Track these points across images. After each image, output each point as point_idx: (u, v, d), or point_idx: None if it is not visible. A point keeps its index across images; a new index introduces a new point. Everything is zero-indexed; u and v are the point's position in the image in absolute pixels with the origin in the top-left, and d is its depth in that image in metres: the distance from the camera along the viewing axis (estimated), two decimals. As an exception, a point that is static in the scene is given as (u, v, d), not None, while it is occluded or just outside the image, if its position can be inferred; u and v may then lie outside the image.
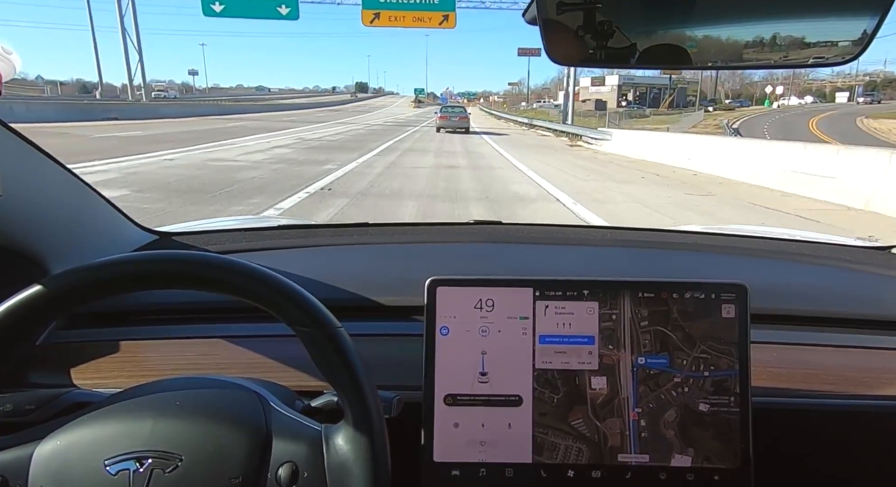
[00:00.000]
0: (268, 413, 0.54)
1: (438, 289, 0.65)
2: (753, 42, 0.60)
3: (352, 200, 7.20)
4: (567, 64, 0.64)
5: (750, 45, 0.60)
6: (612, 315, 0.64)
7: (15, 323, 0.49)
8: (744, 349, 0.63)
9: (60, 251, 0.84)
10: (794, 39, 0.59)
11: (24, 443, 0.51)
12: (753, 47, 0.60)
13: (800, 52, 0.59)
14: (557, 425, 0.63)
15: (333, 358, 0.51)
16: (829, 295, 0.97)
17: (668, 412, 0.63)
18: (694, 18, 0.61)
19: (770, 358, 0.78)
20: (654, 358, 0.63)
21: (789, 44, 0.59)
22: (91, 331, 0.85)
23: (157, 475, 0.48)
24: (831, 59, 0.60)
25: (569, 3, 0.58)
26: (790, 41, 0.59)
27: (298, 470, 0.50)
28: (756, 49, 0.60)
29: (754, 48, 0.60)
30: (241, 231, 1.19)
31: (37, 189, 0.82)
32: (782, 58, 0.60)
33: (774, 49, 0.60)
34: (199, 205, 6.50)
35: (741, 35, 0.61)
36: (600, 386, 0.63)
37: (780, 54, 0.60)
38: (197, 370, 0.75)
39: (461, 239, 1.23)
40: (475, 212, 6.54)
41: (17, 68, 0.63)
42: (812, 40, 0.59)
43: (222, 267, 0.52)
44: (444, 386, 0.64)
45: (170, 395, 0.54)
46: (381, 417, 0.52)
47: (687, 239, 1.24)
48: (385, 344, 0.83)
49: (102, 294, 0.52)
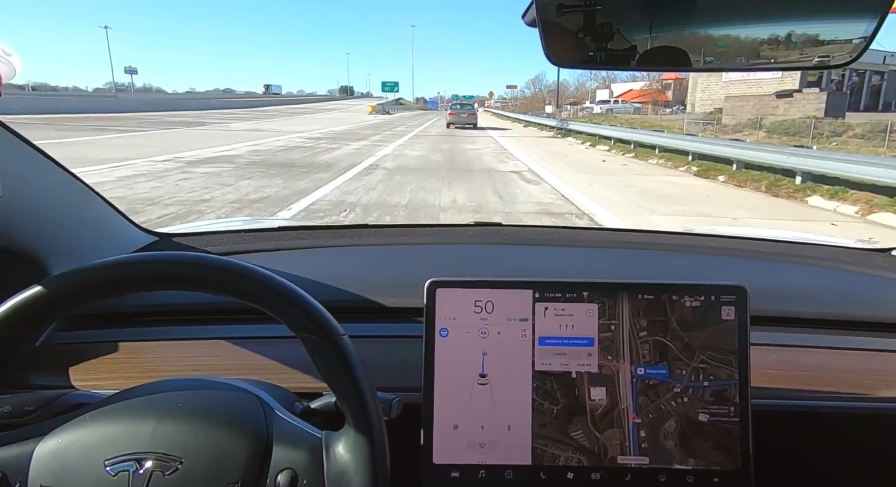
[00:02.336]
0: (269, 418, 0.54)
1: (438, 291, 0.65)
2: (754, 44, 0.60)
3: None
4: (566, 66, 0.64)
5: (750, 47, 0.60)
6: (610, 325, 0.64)
7: (15, 324, 0.49)
8: (744, 356, 0.63)
9: (60, 252, 0.84)
10: (794, 41, 0.59)
11: (24, 440, 0.51)
12: (754, 49, 0.60)
13: (799, 54, 0.59)
14: (557, 436, 0.63)
15: (337, 365, 0.51)
16: (828, 297, 0.97)
17: (667, 422, 0.63)
18: (694, 20, 0.61)
19: (770, 360, 0.78)
20: (654, 368, 0.63)
21: (790, 45, 0.59)
22: (91, 333, 0.85)
23: (157, 477, 0.48)
24: (831, 61, 0.60)
25: (568, 6, 0.58)
26: (790, 43, 0.59)
27: (297, 477, 0.50)
28: (756, 51, 0.60)
29: (755, 50, 0.60)
30: (241, 232, 1.19)
31: (37, 190, 0.82)
32: (782, 59, 0.60)
33: (775, 50, 0.60)
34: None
35: (742, 37, 0.61)
36: (600, 396, 0.63)
37: (780, 56, 0.60)
38: (196, 371, 0.75)
39: (461, 240, 1.23)
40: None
41: (17, 70, 0.63)
42: (812, 42, 0.59)
43: (226, 270, 0.52)
44: (443, 387, 0.64)
45: (172, 397, 0.54)
46: (381, 426, 0.52)
47: (687, 240, 1.24)
48: (384, 345, 0.83)
49: (103, 295, 0.52)
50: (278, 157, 12.53)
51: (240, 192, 7.73)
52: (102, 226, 0.97)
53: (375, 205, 7.13)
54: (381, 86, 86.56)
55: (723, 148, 11.38)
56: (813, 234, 1.52)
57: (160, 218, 6.02)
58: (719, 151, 11.34)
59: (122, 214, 1.02)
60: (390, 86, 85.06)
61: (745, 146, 11.15)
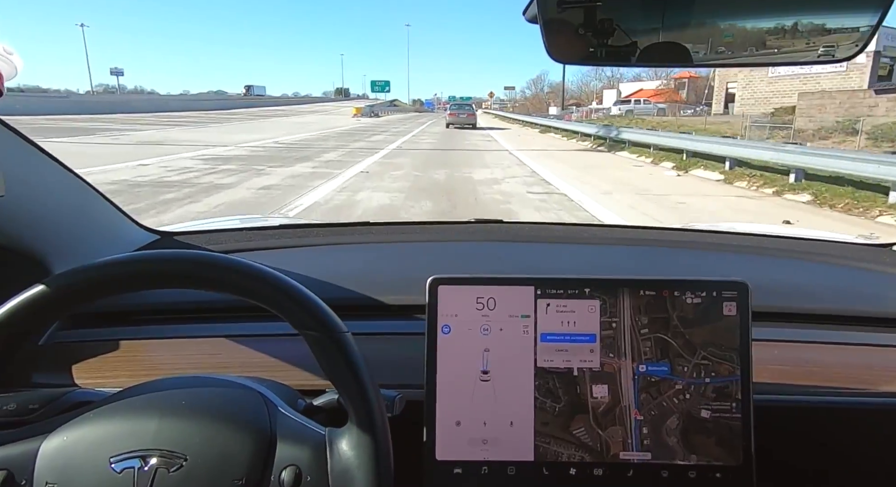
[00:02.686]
0: (273, 416, 0.54)
1: (440, 288, 0.65)
2: (755, 38, 0.60)
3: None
4: (568, 62, 0.64)
5: (751, 42, 0.60)
6: (612, 323, 0.64)
7: (17, 323, 0.49)
8: (745, 352, 0.63)
9: (62, 251, 0.84)
10: (795, 36, 0.59)
11: (30, 438, 0.51)
12: (755, 44, 0.60)
13: (801, 49, 0.59)
14: (559, 434, 0.63)
15: (340, 363, 0.51)
16: (829, 292, 0.97)
17: (669, 419, 0.63)
18: (694, 16, 0.61)
19: (771, 355, 0.78)
20: (655, 365, 0.63)
21: (791, 40, 0.59)
22: (93, 331, 0.85)
23: (162, 474, 0.48)
24: (833, 56, 0.60)
25: (569, 1, 0.58)
26: (792, 37, 0.59)
27: (302, 474, 0.50)
28: (757, 46, 0.60)
29: (756, 45, 0.60)
30: (243, 230, 1.19)
31: (39, 189, 0.82)
32: (784, 54, 0.60)
33: (776, 45, 0.60)
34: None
35: (742, 32, 0.61)
36: (602, 394, 0.63)
37: (781, 50, 0.60)
38: (199, 369, 0.75)
39: (462, 237, 1.23)
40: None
41: (18, 69, 0.63)
42: (813, 37, 0.59)
43: (229, 268, 0.52)
44: (445, 384, 0.64)
45: (175, 394, 0.54)
46: (384, 423, 0.52)
47: (688, 237, 1.24)
48: (387, 342, 0.83)
49: (105, 293, 0.52)
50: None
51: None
52: (104, 224, 0.97)
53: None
54: (370, 86, 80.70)
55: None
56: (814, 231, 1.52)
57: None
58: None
59: (124, 213, 1.02)
60: (381, 86, 79.03)
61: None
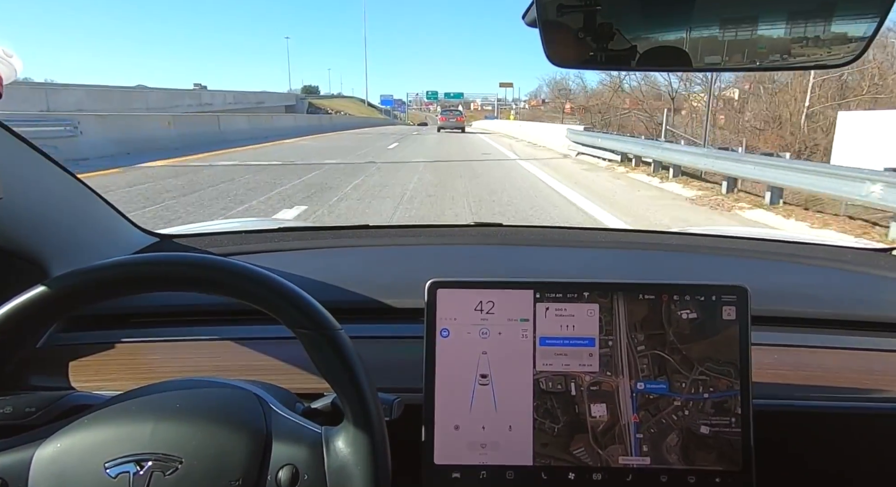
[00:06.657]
0: (268, 416, 0.54)
1: (438, 291, 0.65)
2: (754, 44, 0.60)
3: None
4: (567, 66, 0.64)
5: (751, 47, 0.60)
6: (608, 341, 0.64)
7: (16, 325, 0.49)
8: (745, 364, 0.63)
9: (61, 253, 0.84)
10: (794, 41, 0.59)
11: (23, 446, 0.50)
12: (754, 49, 0.60)
13: (800, 54, 0.59)
14: (559, 455, 0.63)
15: (333, 359, 0.51)
16: (828, 296, 0.97)
17: (669, 436, 0.62)
18: (694, 20, 0.61)
19: (770, 360, 0.78)
20: (653, 382, 0.63)
21: (790, 46, 0.59)
22: (91, 334, 0.85)
23: (157, 477, 0.48)
24: (832, 61, 0.60)
25: (569, 5, 0.58)
26: (791, 43, 0.59)
27: (298, 473, 0.50)
28: (757, 51, 0.60)
29: (755, 50, 0.60)
30: (242, 233, 1.19)
31: (38, 191, 0.82)
32: (783, 60, 0.60)
33: (776, 51, 0.60)
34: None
35: (742, 37, 0.61)
36: (600, 413, 0.63)
37: (781, 56, 0.60)
38: (197, 372, 0.75)
39: (461, 241, 1.23)
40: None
41: (17, 71, 0.63)
42: (812, 42, 0.59)
43: (222, 270, 0.52)
44: (444, 388, 0.64)
45: (170, 397, 0.54)
46: (381, 419, 0.52)
47: (687, 241, 1.24)
48: (385, 346, 0.83)
49: (103, 296, 0.52)
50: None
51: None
52: (103, 227, 0.97)
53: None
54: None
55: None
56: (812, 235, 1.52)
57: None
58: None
59: (123, 215, 1.02)
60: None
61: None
